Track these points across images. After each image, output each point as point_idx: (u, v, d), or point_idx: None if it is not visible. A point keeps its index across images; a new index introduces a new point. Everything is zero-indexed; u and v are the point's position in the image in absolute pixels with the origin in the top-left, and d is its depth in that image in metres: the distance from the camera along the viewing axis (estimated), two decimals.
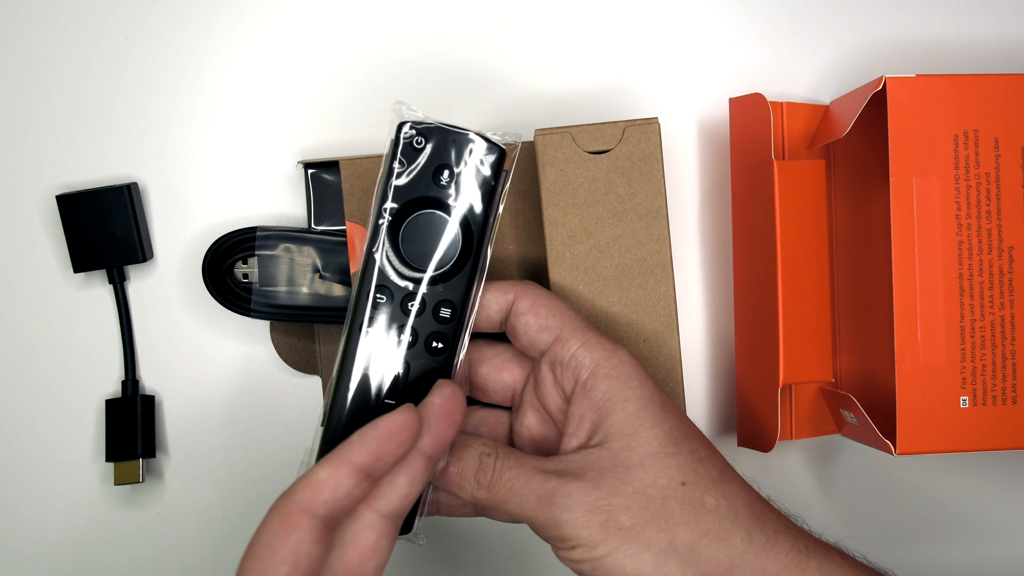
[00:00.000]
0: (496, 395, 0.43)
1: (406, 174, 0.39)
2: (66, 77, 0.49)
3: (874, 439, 0.44)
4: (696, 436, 0.39)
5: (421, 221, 0.39)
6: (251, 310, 0.46)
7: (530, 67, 0.50)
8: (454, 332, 0.40)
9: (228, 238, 0.46)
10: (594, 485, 0.36)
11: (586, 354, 0.39)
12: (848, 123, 0.45)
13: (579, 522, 0.36)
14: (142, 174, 0.49)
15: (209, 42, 0.50)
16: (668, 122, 0.50)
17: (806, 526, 0.39)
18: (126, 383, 0.49)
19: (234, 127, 0.50)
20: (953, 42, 0.51)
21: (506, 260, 0.46)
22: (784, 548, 0.37)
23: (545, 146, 0.43)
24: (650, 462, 0.37)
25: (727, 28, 0.51)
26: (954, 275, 0.44)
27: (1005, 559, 0.52)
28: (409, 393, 0.39)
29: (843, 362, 0.49)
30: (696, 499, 0.37)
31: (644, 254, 0.43)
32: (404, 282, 0.39)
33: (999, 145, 0.44)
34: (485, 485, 0.37)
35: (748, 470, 0.41)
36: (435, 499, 0.42)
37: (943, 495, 0.52)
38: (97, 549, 0.50)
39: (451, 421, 0.36)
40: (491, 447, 0.38)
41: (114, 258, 0.48)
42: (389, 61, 0.50)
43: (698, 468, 0.38)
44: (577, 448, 0.38)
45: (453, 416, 0.37)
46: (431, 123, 0.39)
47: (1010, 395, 0.44)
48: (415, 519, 0.40)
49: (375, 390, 0.39)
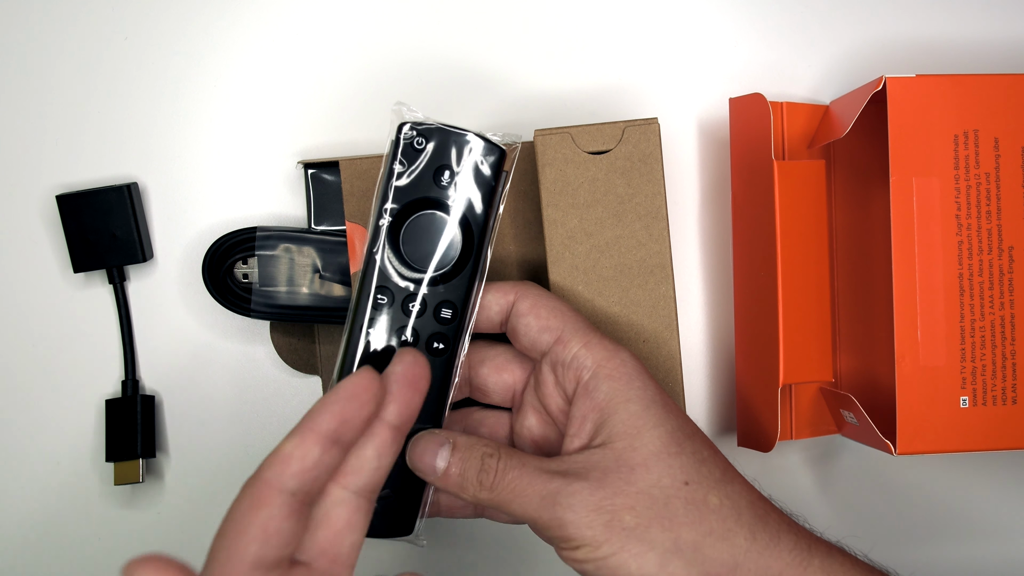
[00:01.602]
0: (496, 396, 0.43)
1: (407, 175, 0.39)
2: (66, 77, 0.49)
3: (874, 439, 0.44)
4: (698, 436, 0.39)
5: (422, 222, 0.39)
6: (251, 310, 0.46)
7: (530, 67, 0.50)
8: (455, 333, 0.40)
9: (228, 238, 0.46)
10: (598, 485, 0.37)
11: (588, 355, 0.39)
12: (848, 123, 0.45)
13: (583, 522, 0.36)
14: (142, 174, 0.49)
15: (209, 42, 0.50)
16: (668, 122, 0.50)
17: (807, 525, 0.39)
18: (126, 383, 0.49)
19: (234, 127, 0.50)
20: (953, 42, 0.51)
21: (506, 260, 0.46)
22: (787, 547, 0.37)
23: (545, 146, 0.43)
24: (653, 462, 0.37)
25: (727, 28, 0.51)
26: (954, 275, 0.44)
27: (1005, 559, 0.52)
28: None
29: (843, 362, 0.49)
30: (699, 498, 0.37)
31: (644, 254, 0.43)
32: (405, 283, 0.39)
33: (999, 145, 0.44)
34: (488, 486, 0.37)
35: (748, 470, 0.41)
36: (436, 500, 0.42)
37: (943, 495, 0.52)
38: (97, 549, 0.50)
39: (415, 388, 0.35)
40: (493, 448, 0.38)
41: (114, 258, 0.48)
42: (389, 61, 0.50)
43: (701, 468, 0.38)
44: (579, 448, 0.38)
45: (417, 383, 0.35)
46: (431, 124, 0.39)
47: (1010, 395, 0.44)
48: (416, 521, 0.40)
49: None
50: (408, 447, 0.39)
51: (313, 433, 0.33)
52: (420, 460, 0.38)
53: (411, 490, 0.40)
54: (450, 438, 0.38)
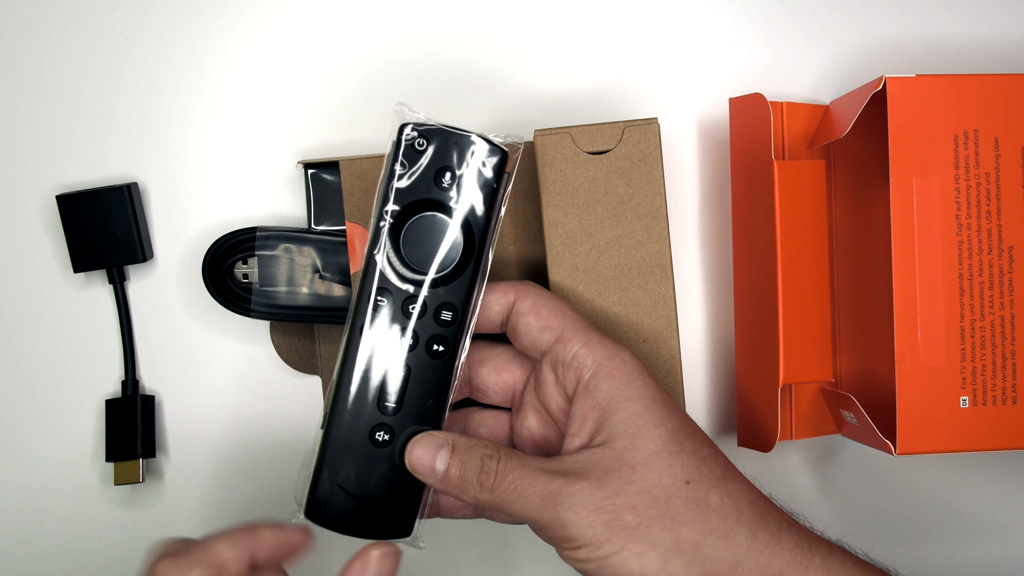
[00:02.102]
0: (496, 396, 0.42)
1: (407, 176, 0.39)
2: (66, 77, 0.49)
3: (874, 439, 0.44)
4: (699, 435, 0.39)
5: (422, 223, 0.39)
6: (251, 310, 0.46)
7: (530, 67, 0.50)
8: (455, 335, 0.39)
9: (228, 238, 0.46)
10: (598, 484, 0.37)
11: (588, 354, 0.39)
12: (848, 123, 0.45)
13: (584, 522, 0.36)
14: (142, 174, 0.49)
15: (209, 42, 0.50)
16: (668, 122, 0.50)
17: (808, 524, 0.39)
18: (126, 383, 0.49)
19: (234, 127, 0.50)
20: (953, 42, 0.51)
21: (506, 260, 0.46)
22: (788, 545, 0.37)
23: (544, 146, 0.43)
24: (654, 461, 0.37)
25: (727, 28, 0.51)
26: (954, 275, 0.44)
27: (1005, 559, 0.52)
28: (409, 396, 0.39)
29: (843, 362, 0.49)
30: (700, 497, 0.37)
31: (644, 255, 0.43)
32: (405, 285, 0.39)
33: (999, 145, 0.44)
34: (488, 487, 0.37)
35: (748, 470, 0.41)
36: (436, 501, 0.41)
37: (943, 495, 0.52)
38: (97, 549, 0.50)
39: None
40: (493, 449, 0.38)
41: (114, 258, 0.48)
42: (389, 61, 0.50)
43: (701, 467, 0.38)
44: (580, 448, 0.38)
45: None
46: (433, 125, 0.39)
47: (1010, 395, 0.44)
48: (415, 522, 0.40)
49: (375, 393, 0.39)
50: (407, 450, 0.39)
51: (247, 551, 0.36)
52: (419, 463, 0.38)
53: (409, 492, 0.40)
54: (448, 440, 0.38)
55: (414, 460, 0.38)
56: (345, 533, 0.40)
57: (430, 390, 0.39)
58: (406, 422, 0.39)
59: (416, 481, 0.39)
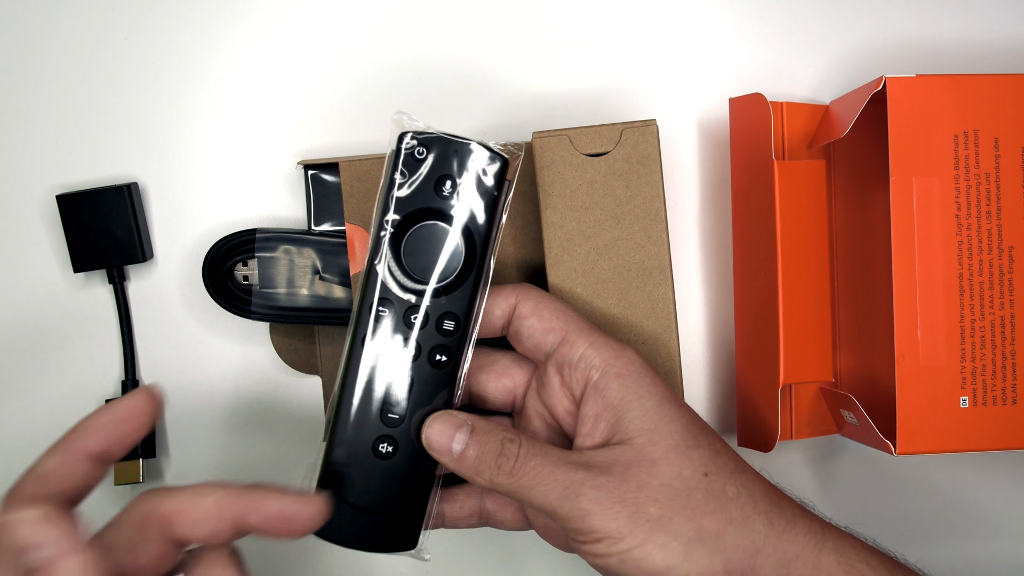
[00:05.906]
0: (496, 402, 0.42)
1: (408, 185, 0.39)
2: (66, 77, 0.49)
3: (874, 439, 0.44)
4: (709, 429, 0.40)
5: (423, 232, 0.39)
6: (251, 312, 0.46)
7: (528, 69, 0.50)
8: (458, 344, 0.39)
9: (228, 240, 0.46)
10: (621, 479, 0.37)
11: (595, 354, 0.39)
12: (848, 123, 0.45)
13: (607, 513, 0.36)
14: (142, 174, 0.49)
15: (209, 42, 0.50)
16: (667, 122, 0.50)
17: (816, 511, 0.40)
18: (126, 383, 0.49)
19: (234, 127, 0.50)
20: (953, 42, 0.51)
21: (505, 262, 0.46)
22: (802, 531, 0.38)
23: (543, 149, 0.43)
24: (673, 455, 0.38)
25: (727, 28, 0.51)
26: (954, 275, 0.44)
27: (1005, 559, 0.53)
28: (412, 407, 0.39)
29: (843, 362, 0.49)
30: (718, 488, 0.38)
31: (642, 256, 0.43)
32: (407, 295, 0.39)
33: (999, 145, 0.44)
34: (507, 470, 0.37)
35: None
36: (440, 511, 0.41)
37: (943, 495, 0.52)
38: None
39: None
40: (514, 434, 0.38)
41: (114, 258, 0.48)
42: (388, 62, 0.50)
43: (717, 459, 0.38)
44: (593, 447, 0.39)
45: None
46: (432, 133, 0.39)
47: (1010, 395, 0.44)
48: (419, 534, 0.40)
49: (378, 404, 0.39)
50: (424, 427, 0.38)
51: (78, 451, 0.35)
52: (436, 440, 0.38)
53: (414, 504, 0.39)
54: (468, 420, 0.38)
55: (431, 437, 0.38)
56: (349, 547, 0.39)
57: (433, 400, 0.39)
58: (409, 434, 0.39)
59: (421, 493, 0.39)
